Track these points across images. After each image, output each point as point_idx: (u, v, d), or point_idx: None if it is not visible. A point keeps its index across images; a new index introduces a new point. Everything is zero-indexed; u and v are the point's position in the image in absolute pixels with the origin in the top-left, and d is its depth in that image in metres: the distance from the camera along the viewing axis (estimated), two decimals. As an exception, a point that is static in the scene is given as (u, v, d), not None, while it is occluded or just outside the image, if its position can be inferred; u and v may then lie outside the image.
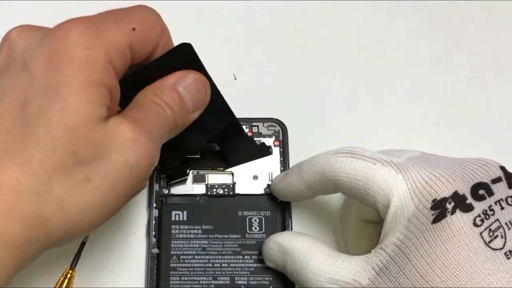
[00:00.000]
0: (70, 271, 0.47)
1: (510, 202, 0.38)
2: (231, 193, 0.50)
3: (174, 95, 0.42)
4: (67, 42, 0.37)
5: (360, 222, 0.47)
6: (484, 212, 0.37)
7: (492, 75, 0.58)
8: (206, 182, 0.50)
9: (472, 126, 0.56)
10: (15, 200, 0.34)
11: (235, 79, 0.57)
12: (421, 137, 0.55)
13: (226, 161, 0.51)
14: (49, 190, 0.35)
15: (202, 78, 0.44)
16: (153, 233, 0.48)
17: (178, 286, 0.47)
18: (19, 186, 0.34)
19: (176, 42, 0.57)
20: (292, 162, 0.50)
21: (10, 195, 0.34)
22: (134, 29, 0.39)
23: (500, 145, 0.55)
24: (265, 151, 0.51)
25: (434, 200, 0.38)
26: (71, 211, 0.36)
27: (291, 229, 0.49)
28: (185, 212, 0.49)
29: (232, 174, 0.50)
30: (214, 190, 0.50)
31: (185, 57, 0.43)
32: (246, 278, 0.47)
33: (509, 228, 0.37)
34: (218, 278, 0.47)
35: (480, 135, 0.55)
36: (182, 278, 0.47)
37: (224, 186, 0.50)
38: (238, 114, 0.52)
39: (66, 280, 0.46)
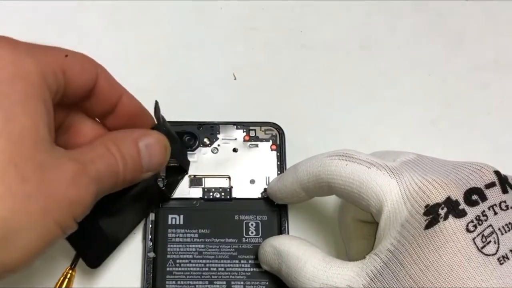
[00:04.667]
0: (70, 271, 0.47)
1: (503, 207, 0.38)
2: (228, 197, 0.50)
3: (133, 150, 0.41)
4: None
5: (357, 223, 0.47)
6: (477, 217, 0.37)
7: (492, 75, 0.58)
8: (202, 186, 0.50)
9: (472, 126, 0.56)
10: None
11: (235, 79, 0.57)
12: (421, 137, 0.55)
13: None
14: None
15: (165, 141, 0.44)
16: (150, 236, 0.48)
17: None
18: None
19: (175, 42, 0.57)
20: (289, 166, 0.50)
21: None
22: (66, 55, 0.38)
23: (500, 145, 0.55)
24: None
25: (427, 206, 0.37)
26: (10, 228, 0.33)
27: (288, 234, 0.49)
28: (181, 216, 0.49)
29: (229, 178, 0.50)
30: (211, 194, 0.50)
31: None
32: (242, 283, 0.47)
33: (502, 234, 0.37)
34: (214, 282, 0.47)
35: (480, 135, 0.55)
36: (178, 282, 0.47)
37: (221, 190, 0.50)
38: (237, 116, 0.52)
39: (66, 280, 0.46)
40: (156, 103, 0.44)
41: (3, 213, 0.33)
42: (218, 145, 0.51)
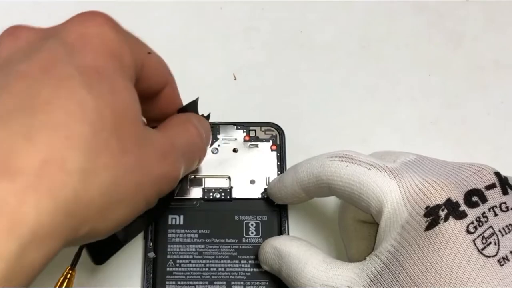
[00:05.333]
0: (70, 271, 0.46)
1: (504, 209, 0.38)
2: (228, 197, 0.50)
3: (207, 126, 0.44)
4: (101, 27, 0.36)
5: (357, 223, 0.47)
6: (478, 219, 0.37)
7: (492, 75, 0.58)
8: (203, 186, 0.50)
9: (472, 126, 0.56)
10: (61, 180, 0.30)
11: (235, 79, 0.57)
12: (421, 137, 0.55)
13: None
14: (95, 171, 0.31)
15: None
16: (150, 236, 0.48)
17: None
18: (65, 164, 0.30)
19: (175, 42, 0.57)
20: (289, 166, 0.50)
21: (59, 173, 0.29)
22: (149, 53, 0.39)
23: (500, 146, 0.55)
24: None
25: (427, 207, 0.37)
26: (111, 199, 0.32)
27: (288, 234, 0.49)
28: (181, 216, 0.49)
29: (229, 178, 0.50)
30: (211, 194, 0.50)
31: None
32: (242, 283, 0.47)
33: (502, 235, 0.37)
34: (215, 282, 0.47)
35: (480, 135, 0.55)
36: (179, 283, 0.47)
37: (221, 190, 0.50)
38: (237, 116, 0.52)
39: (66, 280, 0.46)
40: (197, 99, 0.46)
41: (108, 180, 0.32)
42: (218, 145, 0.51)
